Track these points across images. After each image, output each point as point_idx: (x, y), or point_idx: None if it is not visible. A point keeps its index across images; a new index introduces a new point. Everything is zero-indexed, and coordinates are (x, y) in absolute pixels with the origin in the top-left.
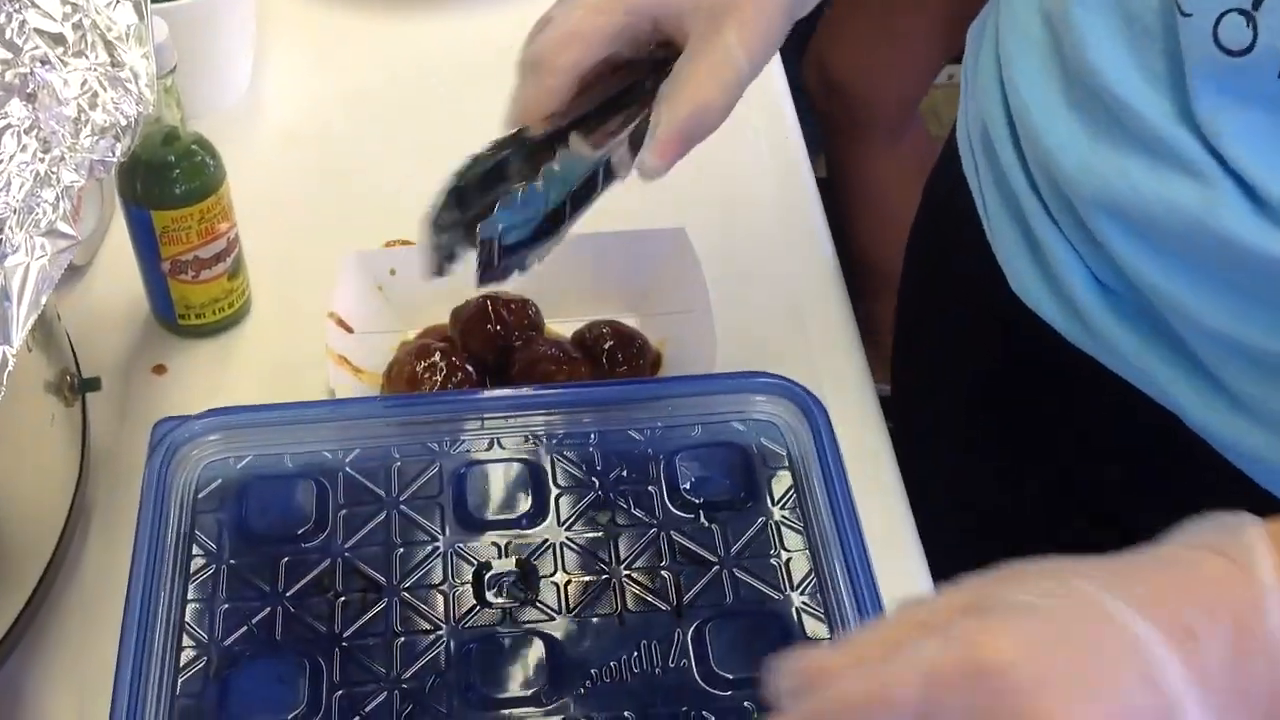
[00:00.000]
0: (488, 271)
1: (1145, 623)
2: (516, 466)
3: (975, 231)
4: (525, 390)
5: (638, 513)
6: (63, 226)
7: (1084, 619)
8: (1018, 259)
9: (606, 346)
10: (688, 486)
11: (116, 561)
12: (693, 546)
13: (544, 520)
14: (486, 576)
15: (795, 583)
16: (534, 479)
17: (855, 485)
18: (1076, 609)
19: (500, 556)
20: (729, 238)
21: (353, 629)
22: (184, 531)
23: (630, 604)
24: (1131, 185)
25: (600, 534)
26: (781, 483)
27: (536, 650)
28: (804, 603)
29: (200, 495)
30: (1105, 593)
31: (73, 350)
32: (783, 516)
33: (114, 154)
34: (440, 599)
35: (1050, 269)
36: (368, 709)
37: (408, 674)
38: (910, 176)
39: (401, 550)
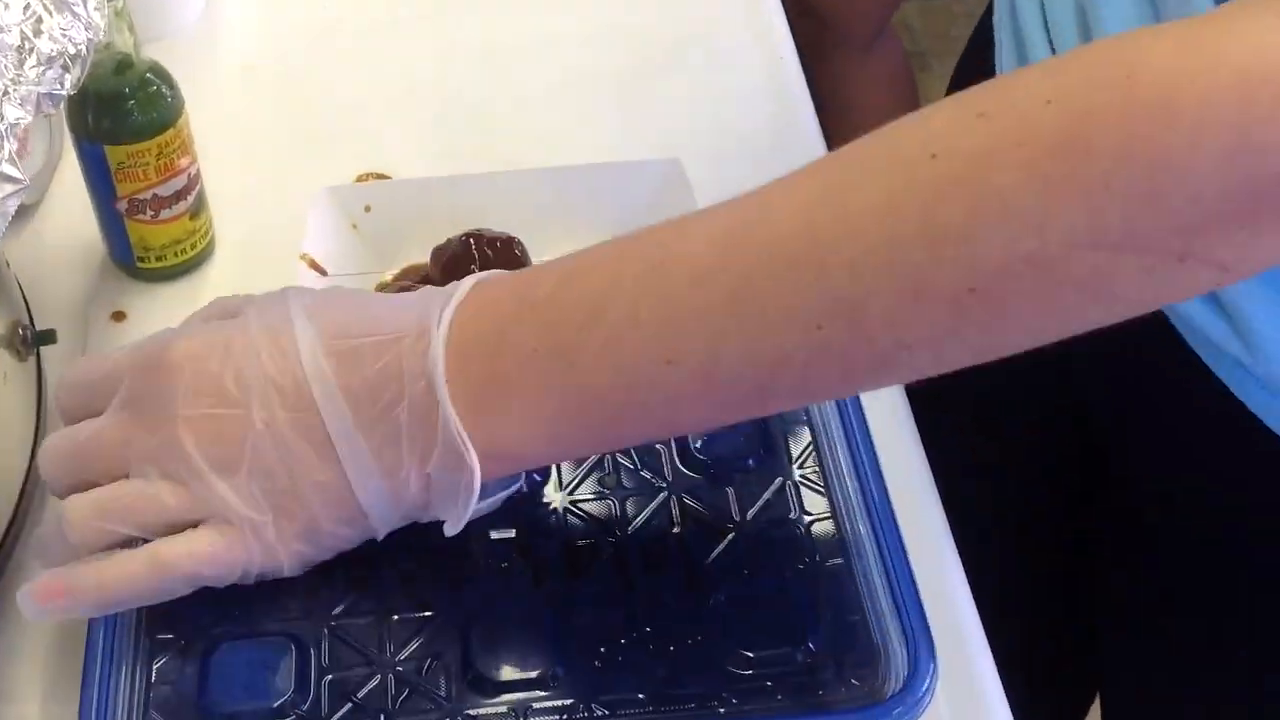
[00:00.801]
0: None
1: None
2: None
3: None
4: None
5: (645, 474)
6: (7, 169)
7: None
8: None
9: None
10: (698, 445)
11: None
12: (704, 510)
13: (544, 483)
14: (483, 545)
15: (818, 548)
16: None
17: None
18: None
19: (497, 527)
20: (724, 168)
21: (340, 608)
22: None
23: (639, 573)
24: None
25: (605, 499)
26: (800, 440)
27: (540, 624)
28: (828, 570)
29: None
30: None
31: (24, 300)
32: (802, 477)
33: (63, 86)
34: (430, 572)
35: None
36: (360, 695)
37: (401, 656)
38: (882, 92)
39: None
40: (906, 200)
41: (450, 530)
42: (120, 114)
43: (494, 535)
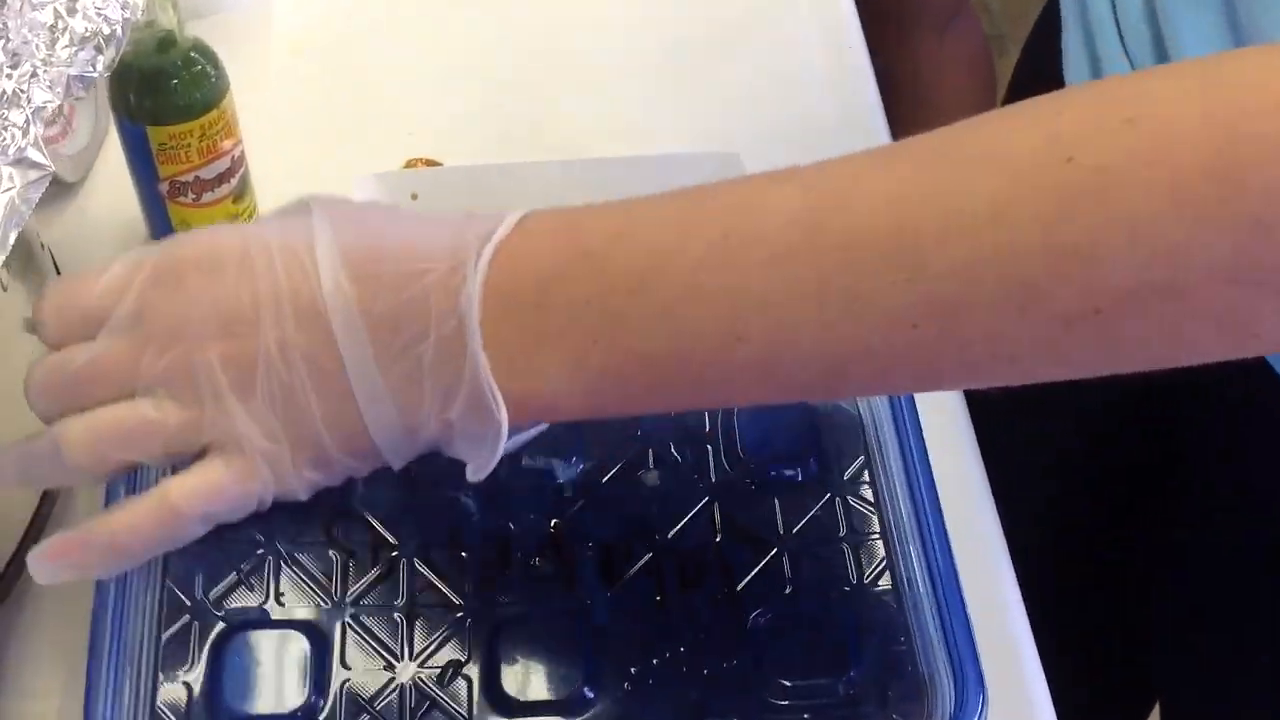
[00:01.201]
0: None
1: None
2: None
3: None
4: None
5: (687, 473)
6: (34, 154)
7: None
8: None
9: None
10: (744, 447)
11: None
12: (748, 521)
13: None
14: (515, 538)
15: (865, 571)
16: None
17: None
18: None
19: (531, 514)
20: (783, 159)
21: (362, 595)
22: None
23: (675, 584)
24: None
25: (643, 497)
26: (853, 453)
27: (570, 635)
28: (875, 594)
29: None
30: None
31: None
32: (853, 493)
33: (95, 68)
34: (458, 565)
35: None
36: (377, 706)
37: (422, 659)
38: (961, 74)
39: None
40: (1027, 208)
41: (473, 476)
42: (162, 94)
43: (526, 524)
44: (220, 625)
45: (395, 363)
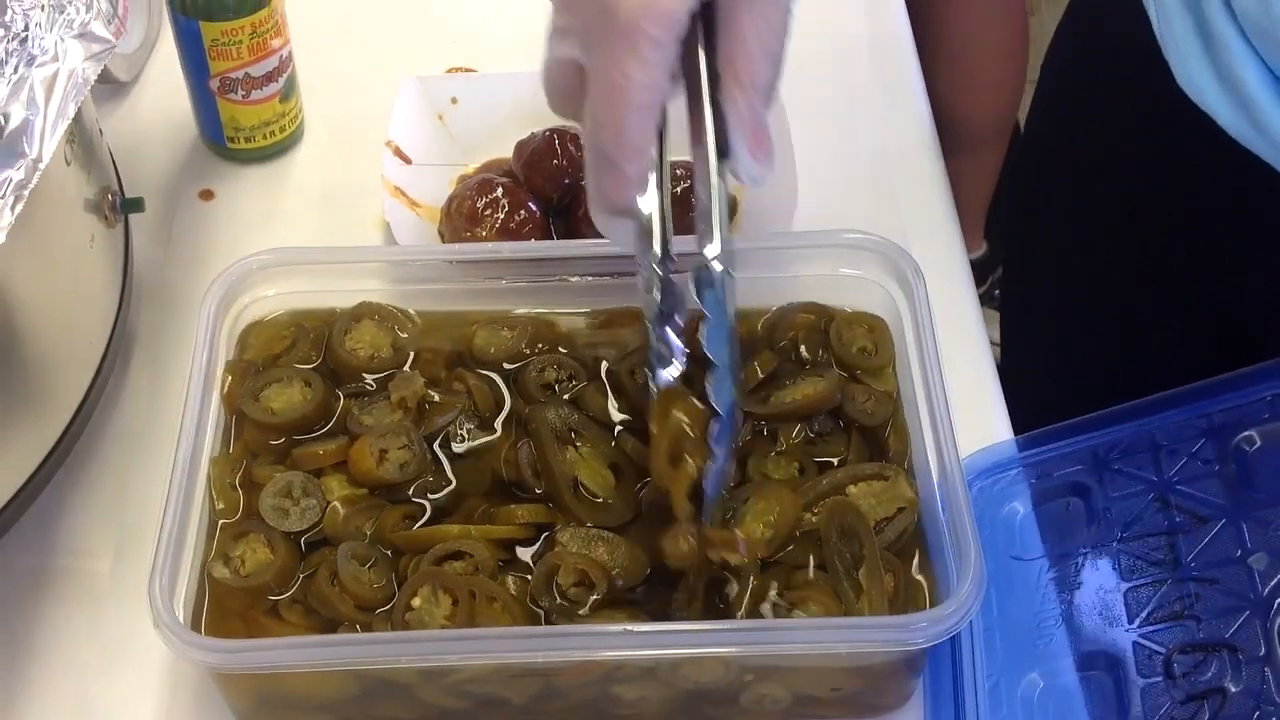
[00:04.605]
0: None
1: None
2: None
3: (1137, 20)
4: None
5: None
6: (97, 28)
7: None
8: (1187, 50)
9: (680, 189)
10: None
11: (160, 393)
12: None
13: None
14: None
15: None
16: None
17: (945, 354)
18: None
19: None
20: (813, 79)
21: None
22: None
23: None
24: None
25: None
26: None
27: None
28: None
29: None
30: None
31: (115, 169)
32: None
33: None
34: None
35: (1222, 60)
36: None
37: None
38: (995, 20)
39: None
40: None
41: None
42: None
43: None
44: None
45: None
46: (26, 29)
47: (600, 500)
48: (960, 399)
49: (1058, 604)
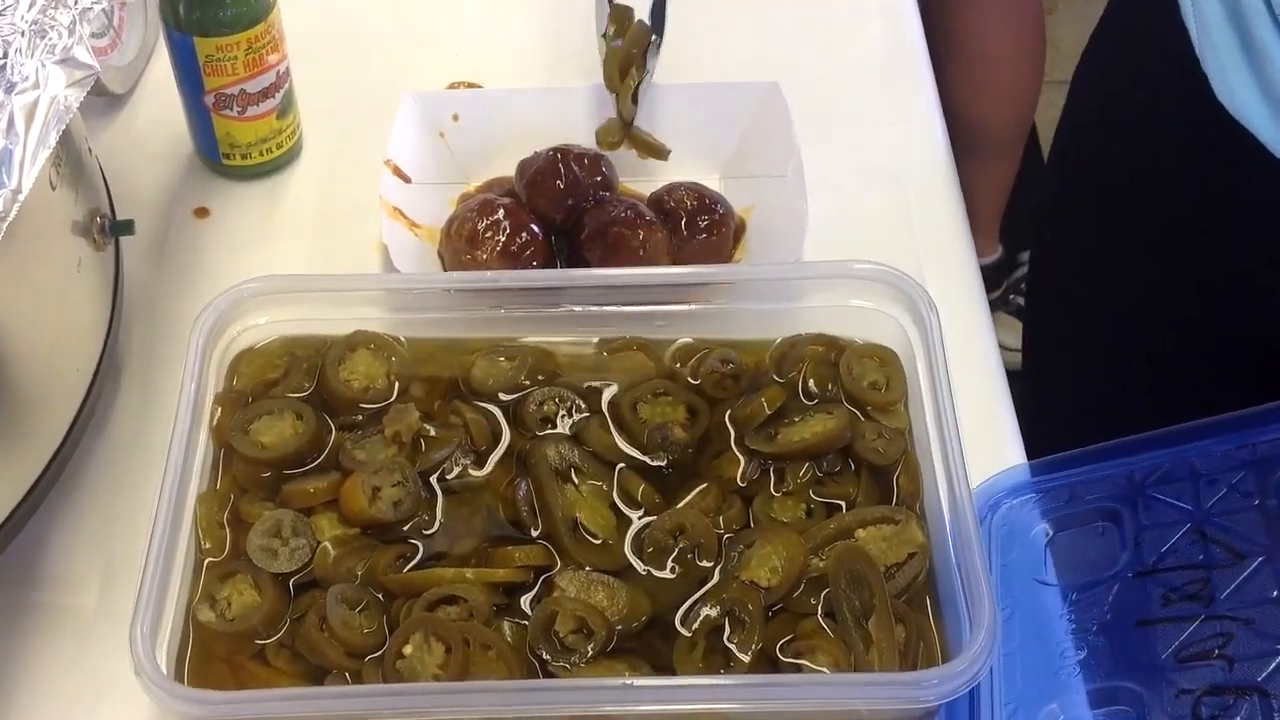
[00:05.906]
0: None
1: None
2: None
3: (1175, 34)
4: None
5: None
6: (80, 54)
7: None
8: (1228, 64)
9: (686, 210)
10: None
11: (149, 420)
12: None
13: None
14: None
15: None
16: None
17: (956, 372)
18: None
19: None
20: (826, 94)
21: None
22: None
23: None
24: None
25: None
26: None
27: None
28: None
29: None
30: None
31: (107, 189)
32: None
33: None
34: None
35: (1266, 74)
36: None
37: None
38: (1012, 25)
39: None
40: None
41: None
42: (211, 5)
43: None
44: None
45: None
46: (5, 55)
47: (600, 541)
48: (973, 418)
49: (1082, 632)
